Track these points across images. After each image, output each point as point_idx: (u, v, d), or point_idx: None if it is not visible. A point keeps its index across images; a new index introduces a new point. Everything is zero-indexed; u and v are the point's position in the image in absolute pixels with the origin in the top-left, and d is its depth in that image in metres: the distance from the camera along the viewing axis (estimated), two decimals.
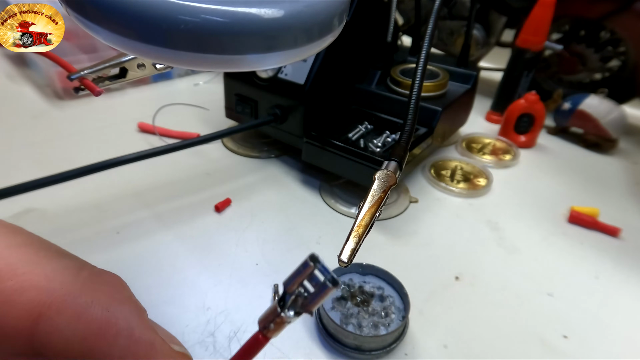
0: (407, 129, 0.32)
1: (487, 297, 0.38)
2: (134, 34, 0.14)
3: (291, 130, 0.51)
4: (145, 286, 0.37)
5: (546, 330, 0.35)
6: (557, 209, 0.50)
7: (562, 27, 0.72)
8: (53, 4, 0.24)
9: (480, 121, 0.72)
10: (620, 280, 0.41)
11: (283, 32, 0.16)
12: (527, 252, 0.43)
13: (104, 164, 0.39)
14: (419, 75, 0.36)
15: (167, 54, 0.15)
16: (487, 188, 0.53)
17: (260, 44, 0.16)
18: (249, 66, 0.17)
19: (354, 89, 0.54)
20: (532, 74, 0.68)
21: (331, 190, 0.50)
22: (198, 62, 0.15)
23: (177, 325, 0.33)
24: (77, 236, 0.41)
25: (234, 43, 0.15)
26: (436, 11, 0.42)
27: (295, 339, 0.33)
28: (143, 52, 0.15)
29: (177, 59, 0.15)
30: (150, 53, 0.15)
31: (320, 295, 0.16)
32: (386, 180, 0.25)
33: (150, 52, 0.15)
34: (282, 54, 0.16)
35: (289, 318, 0.17)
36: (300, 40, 0.17)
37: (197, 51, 0.15)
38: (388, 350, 0.32)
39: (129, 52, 0.16)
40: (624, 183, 0.57)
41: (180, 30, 0.14)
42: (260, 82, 0.50)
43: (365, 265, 0.37)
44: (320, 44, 0.18)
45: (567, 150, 0.64)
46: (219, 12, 0.14)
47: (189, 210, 0.46)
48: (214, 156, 0.56)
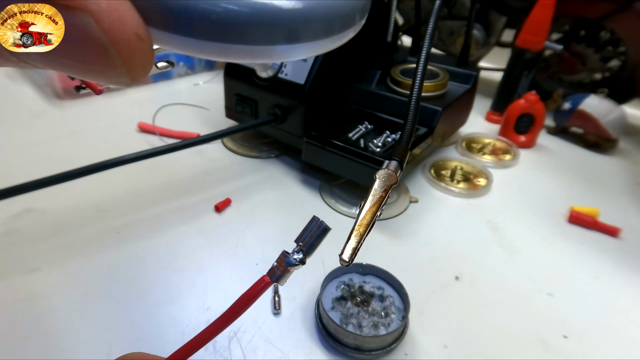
0: (408, 128, 0.32)
1: (487, 297, 0.38)
2: (162, 25, 0.15)
3: (291, 130, 0.51)
4: (145, 286, 0.37)
5: (546, 330, 0.35)
6: (557, 209, 0.50)
7: (562, 27, 0.72)
8: None
9: (480, 121, 0.72)
10: (620, 280, 0.41)
11: (305, 24, 0.16)
12: (527, 252, 0.43)
13: (104, 164, 0.39)
14: (419, 75, 0.36)
15: (196, 44, 0.15)
16: (487, 188, 0.53)
17: (284, 34, 0.16)
18: (277, 57, 0.17)
19: (354, 89, 0.54)
20: (532, 74, 0.68)
21: (331, 190, 0.50)
22: (227, 53, 0.16)
23: (177, 325, 0.33)
24: (77, 236, 0.41)
25: (258, 34, 0.16)
26: (436, 11, 0.42)
27: (295, 339, 0.33)
28: (171, 42, 0.15)
29: (205, 50, 0.15)
30: (178, 44, 0.15)
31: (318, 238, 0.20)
32: (387, 179, 0.25)
33: (178, 43, 0.15)
34: (308, 45, 0.17)
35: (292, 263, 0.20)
36: (325, 32, 0.17)
37: (224, 42, 0.15)
38: (388, 350, 0.32)
39: (157, 43, 0.16)
40: (624, 183, 0.57)
41: (212, 21, 0.14)
42: (260, 82, 0.50)
43: (365, 265, 0.37)
44: (343, 37, 0.19)
45: (567, 150, 0.64)
46: (241, 3, 0.15)
47: (189, 210, 0.46)
48: (214, 156, 0.56)
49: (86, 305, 0.35)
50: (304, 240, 0.20)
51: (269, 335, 0.33)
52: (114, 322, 0.33)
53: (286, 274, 0.20)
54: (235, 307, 0.21)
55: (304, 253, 0.20)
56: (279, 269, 0.20)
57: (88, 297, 0.35)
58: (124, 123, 0.61)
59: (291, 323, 0.34)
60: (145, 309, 0.35)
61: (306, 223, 0.20)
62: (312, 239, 0.20)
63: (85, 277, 0.37)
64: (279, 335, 0.33)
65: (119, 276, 0.37)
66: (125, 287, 0.36)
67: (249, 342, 0.32)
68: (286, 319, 0.34)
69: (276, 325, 0.34)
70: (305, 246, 0.20)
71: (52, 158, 0.52)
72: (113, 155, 0.40)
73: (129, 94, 0.71)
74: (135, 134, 0.59)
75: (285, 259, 0.20)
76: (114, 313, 0.34)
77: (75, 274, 0.37)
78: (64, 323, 0.33)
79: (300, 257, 0.20)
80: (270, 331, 0.33)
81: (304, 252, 0.20)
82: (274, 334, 0.33)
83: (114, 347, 0.31)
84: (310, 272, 0.38)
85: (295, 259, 0.20)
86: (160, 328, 0.33)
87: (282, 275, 0.20)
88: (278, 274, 0.20)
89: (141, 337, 0.32)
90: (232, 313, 0.21)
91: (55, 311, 0.34)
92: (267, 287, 0.20)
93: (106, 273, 0.38)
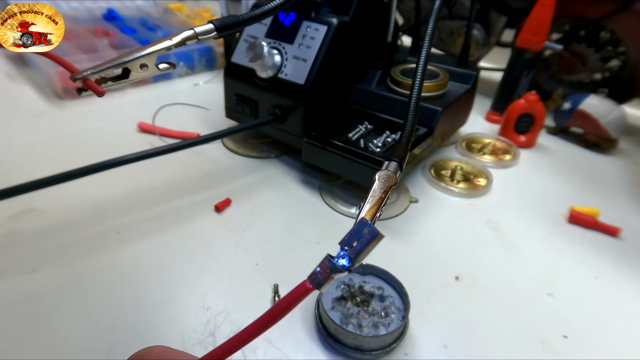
0: (408, 129, 0.32)
1: (487, 297, 0.38)
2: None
3: (291, 130, 0.51)
4: (145, 286, 0.37)
5: (546, 330, 0.35)
6: (557, 209, 0.50)
7: (562, 27, 0.72)
8: (53, 4, 0.24)
9: (480, 121, 0.72)
10: (620, 280, 0.41)
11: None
12: (527, 252, 0.43)
13: (104, 164, 0.39)
14: (419, 75, 0.36)
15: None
16: (487, 188, 0.53)
17: None
18: None
19: (354, 89, 0.54)
20: (532, 74, 0.68)
21: (331, 190, 0.50)
22: None
23: (177, 325, 0.33)
24: (77, 236, 0.41)
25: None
26: (436, 11, 0.42)
27: (295, 339, 0.33)
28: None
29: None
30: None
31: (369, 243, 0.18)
32: (387, 180, 0.25)
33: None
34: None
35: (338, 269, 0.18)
36: None
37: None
38: (388, 350, 0.32)
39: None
40: (624, 183, 0.57)
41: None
42: (260, 82, 0.50)
43: (365, 265, 0.37)
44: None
45: (567, 150, 0.64)
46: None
47: (189, 210, 0.46)
48: (214, 156, 0.56)
49: (86, 305, 0.35)
50: (350, 244, 0.18)
51: (269, 335, 0.33)
52: (114, 322, 0.33)
53: (329, 280, 0.18)
54: (273, 313, 0.19)
55: (351, 260, 0.18)
56: (322, 275, 0.18)
57: (88, 297, 0.35)
58: (124, 123, 0.61)
59: (291, 323, 0.34)
60: (145, 309, 0.35)
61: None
62: (361, 246, 0.18)
63: (85, 277, 0.37)
64: (279, 335, 0.33)
65: (119, 276, 0.37)
66: (125, 287, 0.36)
67: None
68: (286, 319, 0.34)
69: (276, 325, 0.34)
70: (354, 253, 0.18)
71: (52, 158, 0.52)
72: (113, 155, 0.40)
73: (129, 94, 0.71)
74: (135, 134, 0.59)
75: (329, 265, 0.18)
76: (114, 313, 0.34)
77: (75, 274, 0.37)
78: (64, 323, 0.33)
79: (346, 265, 0.18)
80: (270, 331, 0.33)
81: (352, 259, 0.18)
82: (274, 334, 0.33)
83: (114, 347, 0.31)
84: (310, 272, 0.37)
85: (341, 265, 0.18)
86: (160, 328, 0.33)
87: (325, 282, 0.18)
88: (320, 279, 0.18)
89: (141, 337, 0.32)
90: (268, 318, 0.19)
91: (55, 311, 0.34)
92: (307, 294, 0.18)
93: (106, 273, 0.38)
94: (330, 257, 0.18)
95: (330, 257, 0.18)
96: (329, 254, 0.18)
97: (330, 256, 0.18)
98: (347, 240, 0.18)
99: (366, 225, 0.18)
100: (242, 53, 0.52)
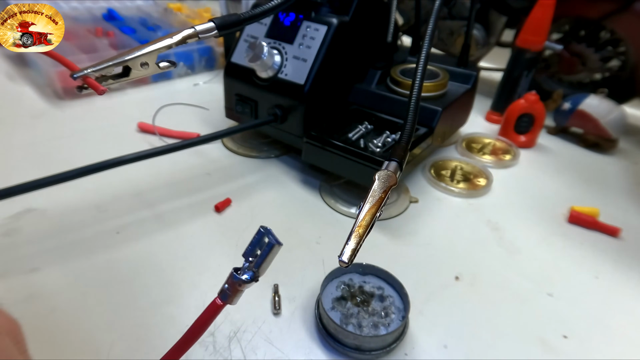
0: (408, 129, 0.32)
1: (487, 297, 0.38)
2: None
3: (291, 130, 0.51)
4: (145, 286, 0.37)
5: (546, 330, 0.35)
6: (557, 209, 0.50)
7: (562, 27, 0.72)
8: (53, 4, 0.24)
9: (480, 121, 0.72)
10: (620, 280, 0.41)
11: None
12: (527, 252, 0.43)
13: (104, 164, 0.39)
14: (419, 75, 0.36)
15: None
16: (487, 188, 0.53)
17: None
18: None
19: (354, 89, 0.54)
20: (532, 74, 0.68)
21: (331, 190, 0.50)
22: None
23: (177, 325, 0.33)
24: (77, 236, 0.41)
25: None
26: (436, 11, 0.42)
27: (295, 339, 0.33)
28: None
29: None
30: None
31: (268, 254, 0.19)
32: (386, 180, 0.25)
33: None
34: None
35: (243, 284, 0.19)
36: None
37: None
38: (388, 350, 0.32)
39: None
40: (624, 183, 0.57)
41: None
42: (260, 82, 0.50)
43: (365, 265, 0.37)
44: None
45: (567, 150, 0.64)
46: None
47: (189, 210, 0.46)
48: (214, 156, 0.56)
49: (86, 305, 0.35)
50: (254, 254, 0.19)
51: (269, 335, 0.33)
52: (114, 322, 0.33)
53: (238, 293, 0.19)
54: (190, 334, 0.19)
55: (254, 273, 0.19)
56: (231, 290, 0.19)
57: (88, 297, 0.35)
58: (124, 123, 0.61)
59: (291, 323, 0.34)
60: (145, 309, 0.35)
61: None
62: (261, 258, 0.19)
63: (85, 277, 0.37)
64: (279, 335, 0.33)
65: (119, 276, 0.37)
66: (125, 287, 0.36)
67: (249, 342, 0.32)
68: (286, 319, 0.34)
69: (276, 325, 0.34)
70: (256, 265, 0.19)
71: (52, 158, 0.52)
72: (113, 155, 0.40)
73: (129, 94, 0.71)
74: (135, 134, 0.59)
75: (235, 280, 0.19)
76: (114, 313, 0.34)
77: (75, 274, 0.37)
78: (64, 323, 0.33)
79: (250, 276, 0.18)
80: (270, 331, 0.33)
81: (255, 272, 0.19)
82: (274, 334, 0.33)
83: (114, 347, 0.31)
84: (310, 272, 0.38)
85: (245, 278, 0.18)
86: (160, 328, 0.33)
87: (234, 296, 0.19)
88: (228, 294, 0.19)
89: (141, 337, 0.32)
90: (186, 340, 0.19)
91: (55, 311, 0.34)
92: (220, 310, 0.19)
93: (106, 273, 0.38)
94: (234, 273, 0.19)
95: (235, 272, 0.19)
96: (234, 269, 0.19)
97: (235, 271, 0.19)
98: (250, 251, 0.19)
99: (266, 233, 0.19)
100: (242, 53, 0.52)
